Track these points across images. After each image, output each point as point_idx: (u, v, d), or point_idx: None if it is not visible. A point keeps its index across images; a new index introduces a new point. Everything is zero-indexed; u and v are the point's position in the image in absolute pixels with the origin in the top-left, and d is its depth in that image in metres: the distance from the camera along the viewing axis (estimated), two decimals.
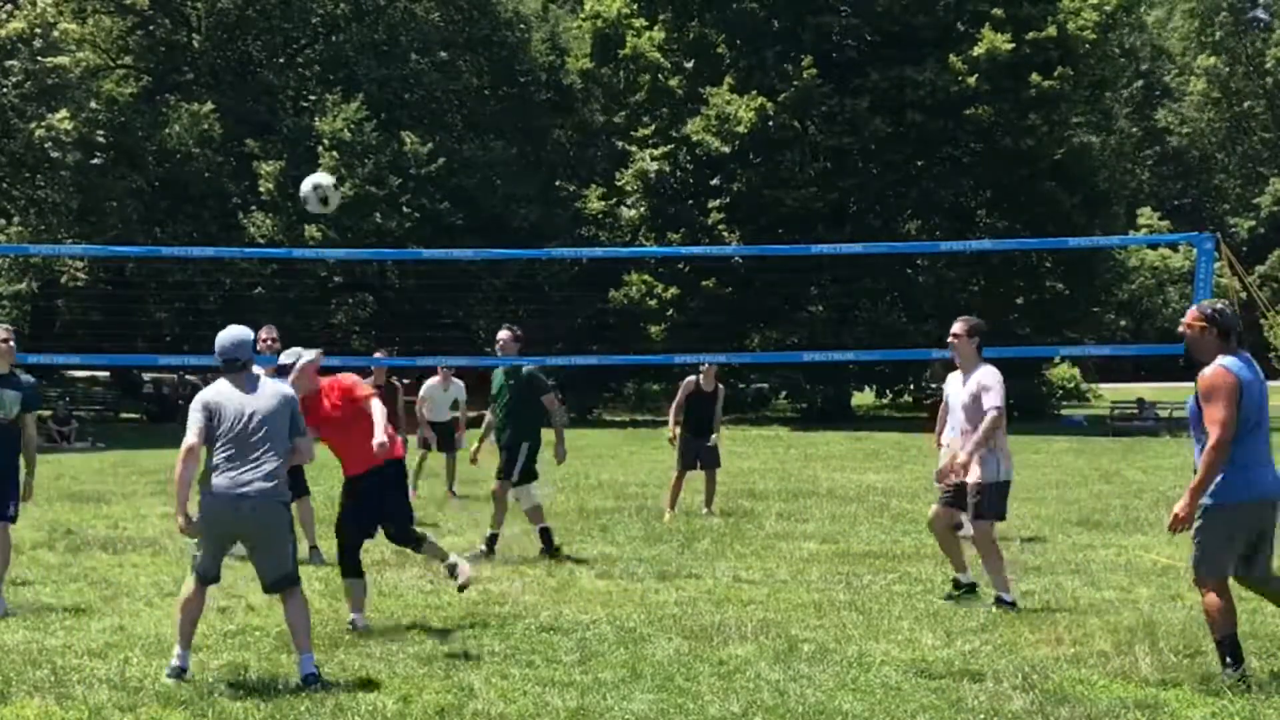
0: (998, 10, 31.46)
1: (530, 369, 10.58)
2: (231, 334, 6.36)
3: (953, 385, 8.25)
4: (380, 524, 7.55)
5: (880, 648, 6.83)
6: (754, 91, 32.07)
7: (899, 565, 9.54)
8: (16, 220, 32.78)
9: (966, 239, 28.87)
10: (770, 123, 31.78)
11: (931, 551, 9.95)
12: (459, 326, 33.12)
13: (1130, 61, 49.28)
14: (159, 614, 7.75)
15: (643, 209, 35.14)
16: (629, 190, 35.29)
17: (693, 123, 32.67)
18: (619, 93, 35.79)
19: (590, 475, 17.45)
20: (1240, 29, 57.58)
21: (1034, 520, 12.39)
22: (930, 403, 29.69)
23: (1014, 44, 30.87)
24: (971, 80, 30.76)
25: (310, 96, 35.73)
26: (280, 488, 6.19)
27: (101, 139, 30.04)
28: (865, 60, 33.49)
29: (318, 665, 6.11)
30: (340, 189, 9.22)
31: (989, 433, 7.78)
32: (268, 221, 32.54)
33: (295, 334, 14.67)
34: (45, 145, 28.33)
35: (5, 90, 28.71)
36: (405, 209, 31.97)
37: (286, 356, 7.34)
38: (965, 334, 8.08)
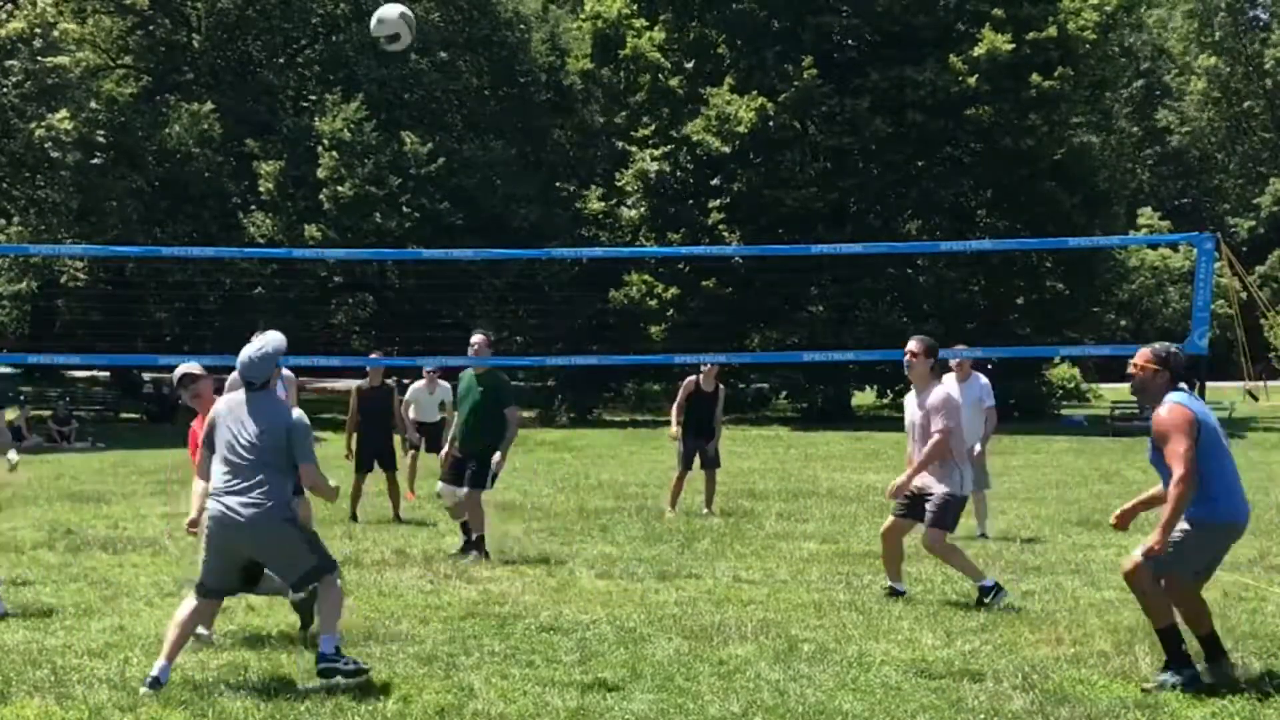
0: (998, 10, 31.45)
1: (503, 375, 10.54)
2: (251, 351, 6.18)
3: (909, 402, 8.32)
4: None
5: (880, 648, 6.83)
6: (754, 92, 32.06)
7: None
8: (16, 220, 32.78)
9: (967, 239, 28.87)
10: (770, 123, 31.77)
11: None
12: (459, 326, 32.98)
13: (1130, 61, 49.29)
14: (159, 614, 7.75)
15: (643, 209, 35.14)
16: (629, 190, 35.29)
17: (693, 123, 32.66)
18: (619, 93, 35.78)
19: (590, 475, 17.46)
20: (1240, 29, 57.60)
21: (1034, 520, 12.40)
22: None
23: (1014, 44, 30.86)
24: (972, 80, 30.76)
25: (310, 96, 35.74)
26: (276, 509, 6.04)
27: (101, 139, 30.04)
28: (865, 60, 33.49)
29: (335, 656, 6.05)
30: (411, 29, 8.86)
31: (933, 455, 7.89)
32: (268, 221, 32.55)
33: (295, 334, 14.67)
34: (45, 145, 28.32)
35: (5, 90, 28.72)
36: (405, 209, 31.96)
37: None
38: (921, 354, 8.10)
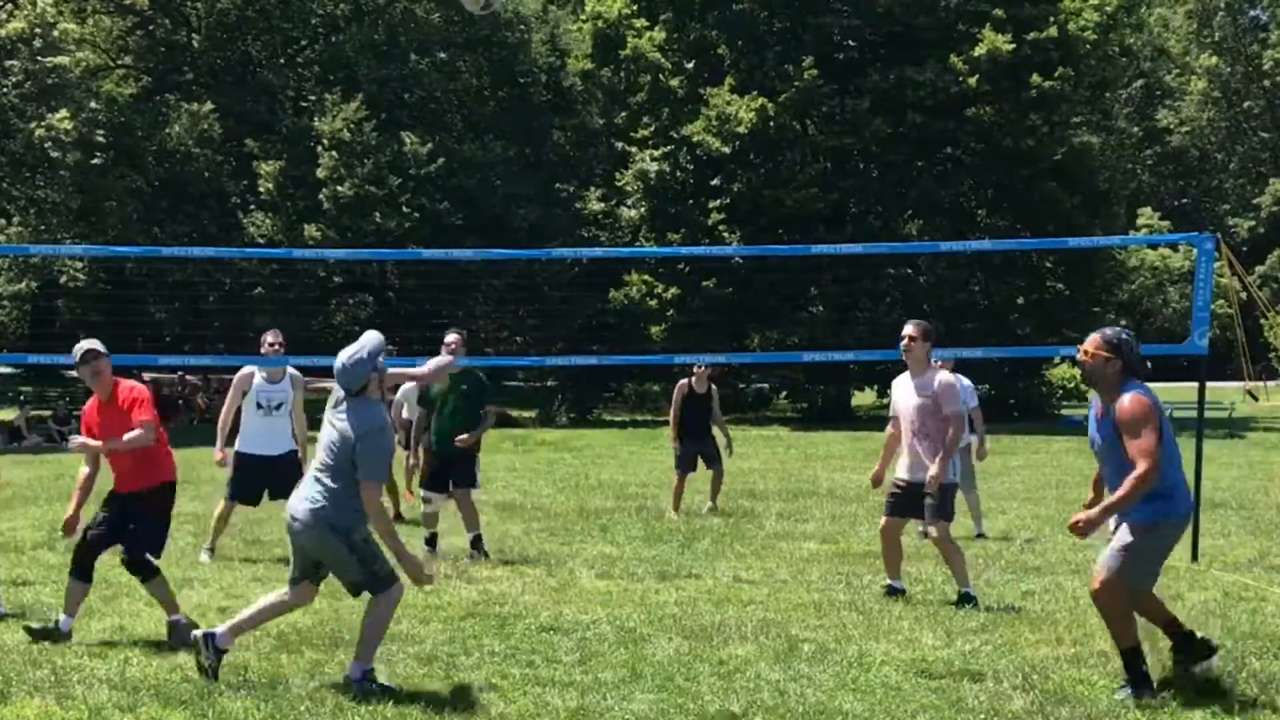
0: (998, 11, 31.44)
1: (482, 374, 10.49)
2: (344, 356, 6.12)
3: (902, 389, 8.26)
4: (121, 543, 7.19)
5: (880, 648, 6.83)
6: (754, 92, 32.05)
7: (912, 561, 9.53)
8: (16, 220, 32.80)
9: (967, 239, 28.87)
10: (771, 123, 31.75)
11: (930, 551, 9.94)
12: (459, 327, 33.11)
13: (1131, 62, 49.27)
14: (159, 614, 7.73)
15: (643, 209, 35.13)
16: (629, 191, 35.27)
17: (693, 123, 32.66)
18: (619, 93, 35.78)
19: (590, 475, 17.45)
20: (1239, 30, 57.62)
21: (1034, 520, 12.39)
22: None
23: (1015, 44, 30.85)
24: (972, 81, 30.75)
25: (310, 96, 35.75)
26: (326, 513, 6.03)
27: (101, 139, 30.06)
28: (866, 61, 33.48)
29: (364, 683, 5.98)
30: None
31: (955, 442, 7.93)
32: (268, 221, 32.56)
33: (295, 334, 14.67)
34: (45, 145, 28.35)
35: (5, 90, 28.74)
36: (405, 209, 31.97)
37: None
38: (920, 337, 8.11)
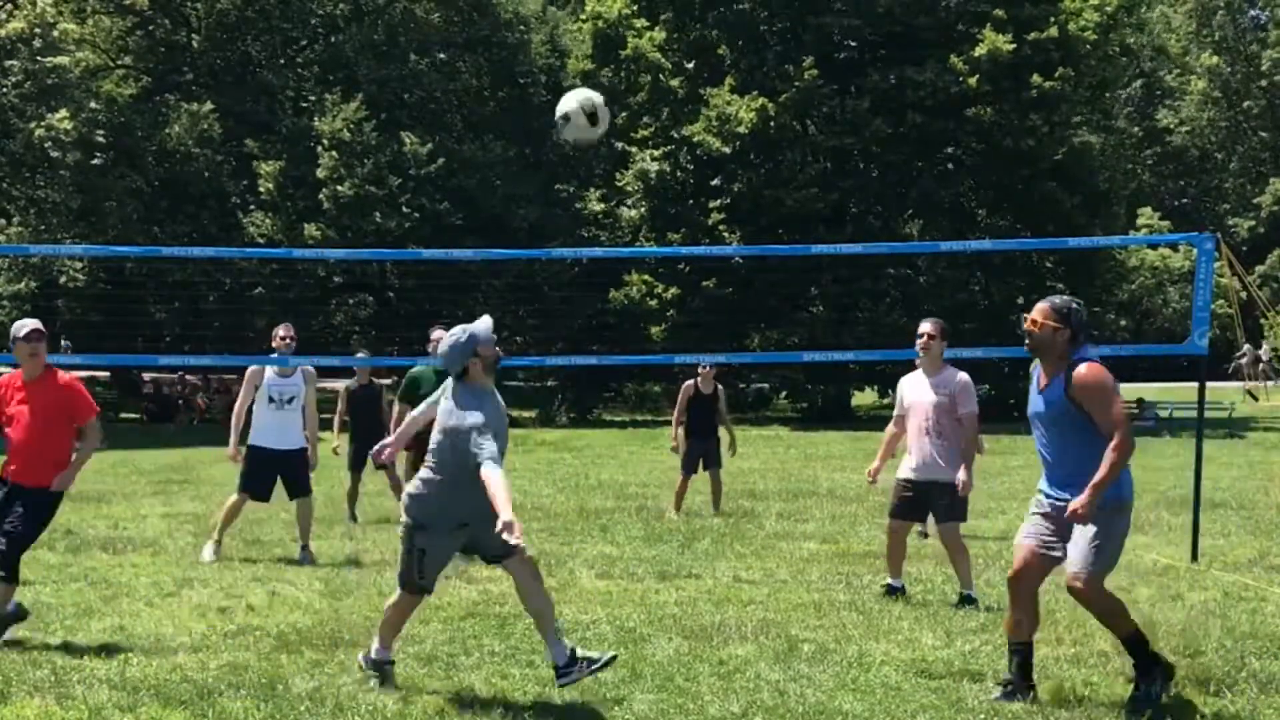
0: (999, 11, 31.45)
1: None
2: (445, 340, 5.96)
3: (915, 386, 8.27)
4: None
5: (880, 648, 6.83)
6: (755, 92, 32.05)
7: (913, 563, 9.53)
8: (16, 220, 32.79)
9: (967, 239, 28.87)
10: (771, 123, 31.76)
11: (931, 551, 9.96)
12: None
13: (1131, 62, 49.27)
14: (159, 614, 7.75)
15: (643, 209, 35.14)
16: (629, 191, 35.27)
17: (693, 123, 32.66)
18: (619, 93, 35.78)
19: (590, 475, 17.46)
20: (1239, 29, 57.62)
21: None
22: None
23: (1015, 44, 30.85)
24: (972, 81, 30.76)
25: (310, 97, 35.74)
26: (406, 501, 6.10)
27: (101, 139, 30.05)
28: (866, 61, 33.49)
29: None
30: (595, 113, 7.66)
31: (974, 442, 8.00)
32: (267, 221, 32.56)
33: (296, 334, 14.65)
34: (45, 145, 28.34)
35: (5, 90, 28.73)
36: (405, 209, 31.97)
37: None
38: (939, 335, 8.19)
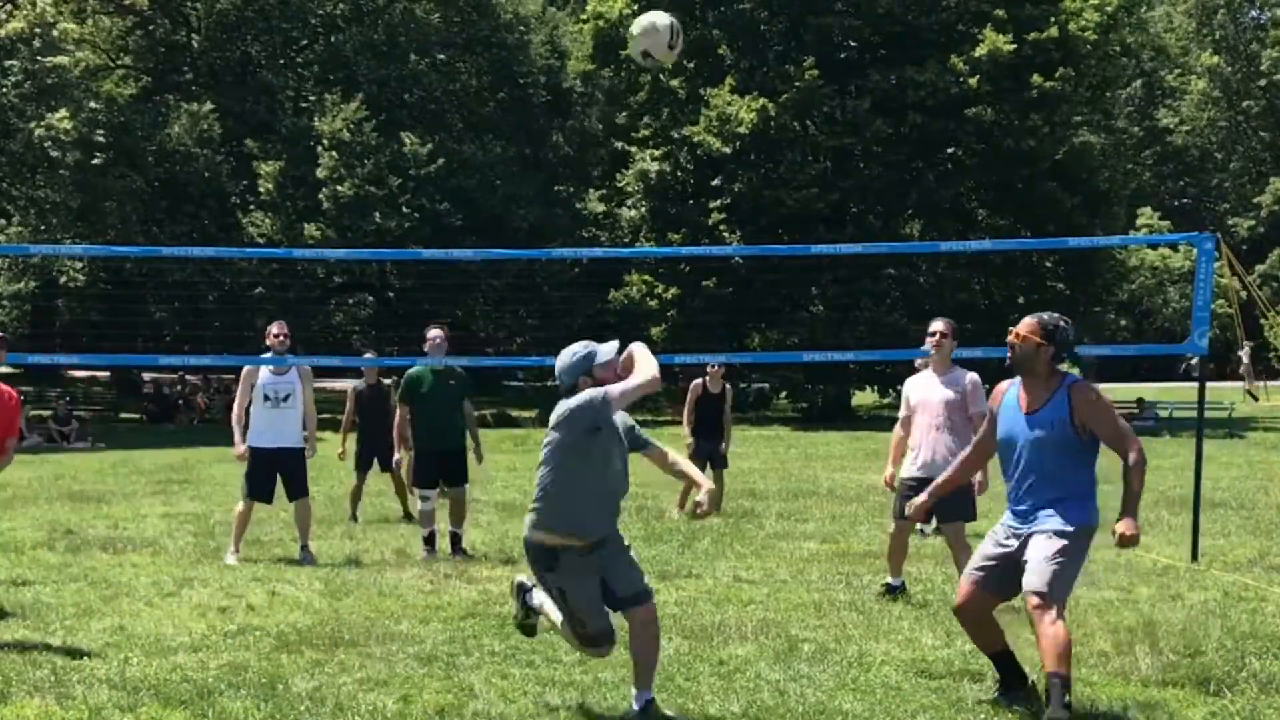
0: (999, 11, 31.46)
1: (464, 371, 10.45)
2: (563, 354, 5.51)
3: (924, 385, 8.28)
4: None
5: (880, 648, 6.83)
6: (755, 92, 32.05)
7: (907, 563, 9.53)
8: (16, 220, 32.79)
9: (967, 239, 28.86)
10: (771, 123, 31.76)
11: (931, 551, 9.96)
12: (459, 327, 33.09)
13: (1131, 61, 49.27)
14: (159, 614, 7.75)
15: (643, 209, 35.14)
16: (630, 191, 35.27)
17: (693, 123, 32.66)
18: (620, 93, 35.79)
19: None
20: (1239, 29, 57.65)
21: None
22: None
23: (1015, 45, 30.86)
24: (973, 81, 30.76)
25: (310, 97, 35.74)
26: (528, 518, 5.60)
27: (101, 139, 30.03)
28: (866, 61, 33.48)
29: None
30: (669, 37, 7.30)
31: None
32: (267, 221, 32.55)
33: (295, 334, 14.64)
34: (45, 145, 28.33)
35: (5, 90, 28.71)
36: (405, 209, 31.97)
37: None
38: (951, 334, 8.24)
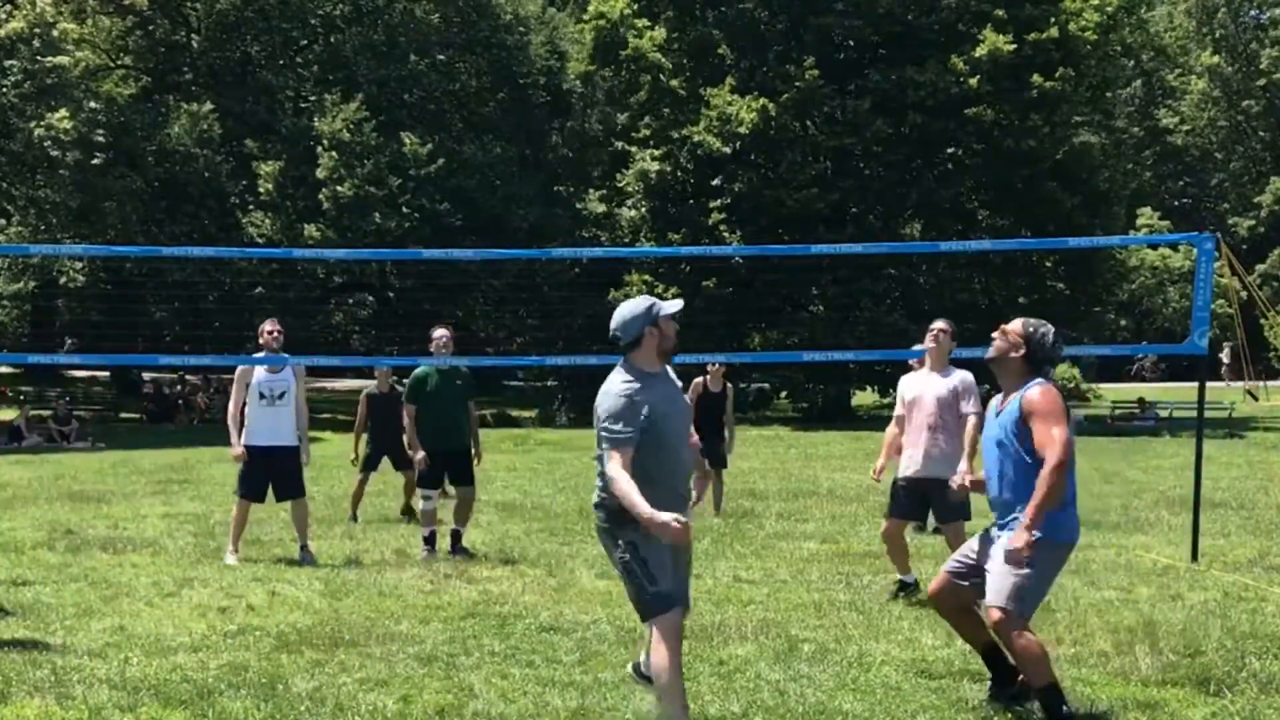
0: (999, 11, 31.45)
1: (469, 371, 10.47)
2: (623, 307, 5.35)
3: (919, 383, 8.30)
4: None
5: (880, 648, 6.83)
6: (755, 92, 32.05)
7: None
8: (16, 220, 32.79)
9: (968, 239, 28.84)
10: (771, 123, 31.74)
11: (931, 551, 9.96)
12: (459, 327, 33.01)
13: (1131, 60, 49.26)
14: (159, 614, 7.75)
15: (643, 209, 35.13)
16: (629, 191, 35.26)
17: (694, 123, 32.65)
18: (620, 93, 35.78)
19: (590, 475, 17.37)
20: (1240, 28, 57.65)
21: None
22: None
23: (1015, 45, 30.84)
24: (973, 81, 30.75)
25: (310, 97, 35.73)
26: (596, 506, 5.34)
27: (101, 139, 30.03)
28: (867, 61, 33.46)
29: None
30: None
31: (976, 441, 7.92)
32: (267, 221, 32.54)
33: (295, 334, 14.67)
34: (45, 145, 28.33)
35: (5, 90, 28.71)
36: (405, 209, 31.96)
37: None
38: (951, 332, 8.31)
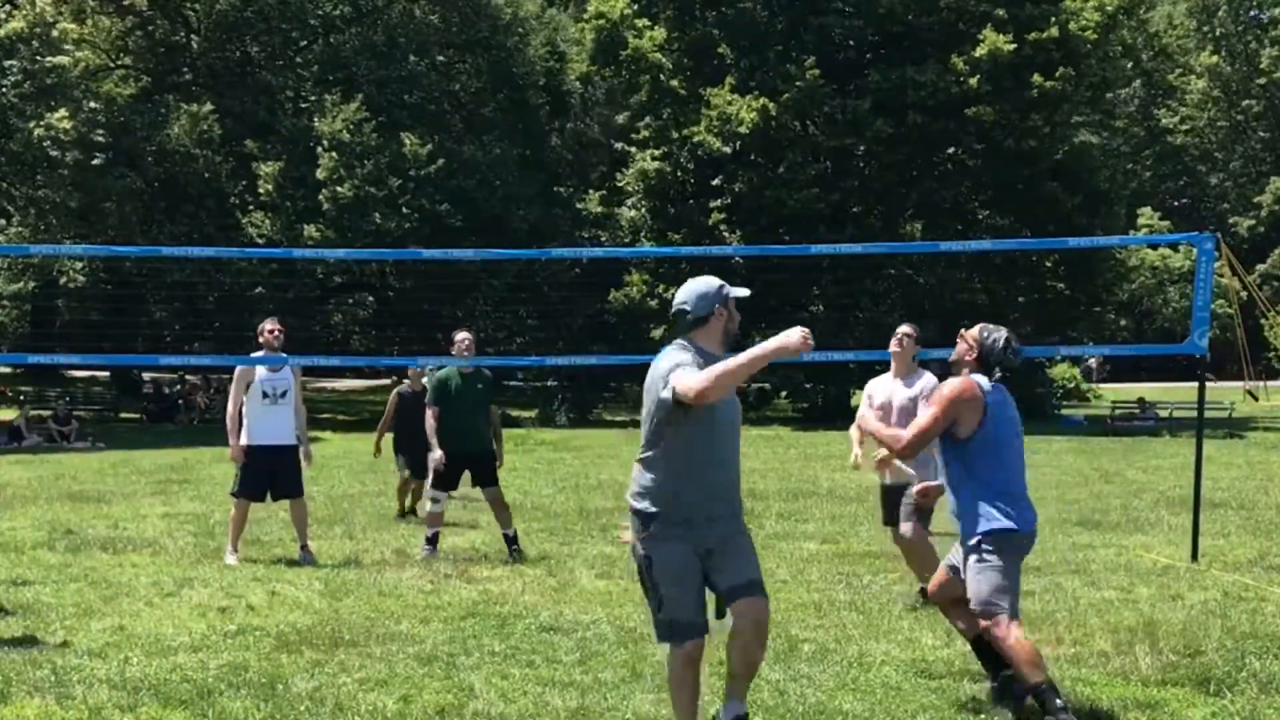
0: (999, 11, 31.46)
1: (491, 374, 10.50)
2: (693, 283, 5.27)
3: (887, 388, 8.31)
4: None
5: (880, 648, 6.83)
6: (755, 92, 32.05)
7: (899, 565, 9.50)
8: (16, 220, 32.78)
9: (968, 239, 28.83)
10: (772, 123, 31.75)
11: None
12: (459, 327, 33.12)
13: (1131, 61, 49.28)
14: (159, 614, 7.75)
15: (643, 209, 35.13)
16: (629, 191, 35.26)
17: (694, 123, 32.65)
18: (620, 93, 35.77)
19: (590, 475, 17.45)
20: (1240, 28, 57.66)
21: None
22: None
23: (1016, 44, 30.85)
24: (973, 81, 30.75)
25: (309, 97, 35.73)
26: (630, 502, 5.07)
27: (101, 139, 30.03)
28: (867, 61, 33.47)
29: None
30: None
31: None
32: (267, 222, 32.54)
33: (295, 334, 14.65)
34: (44, 145, 28.33)
35: (4, 90, 28.71)
36: (405, 210, 31.96)
37: None
38: (916, 336, 8.29)
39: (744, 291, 5.18)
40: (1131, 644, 6.80)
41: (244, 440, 9.86)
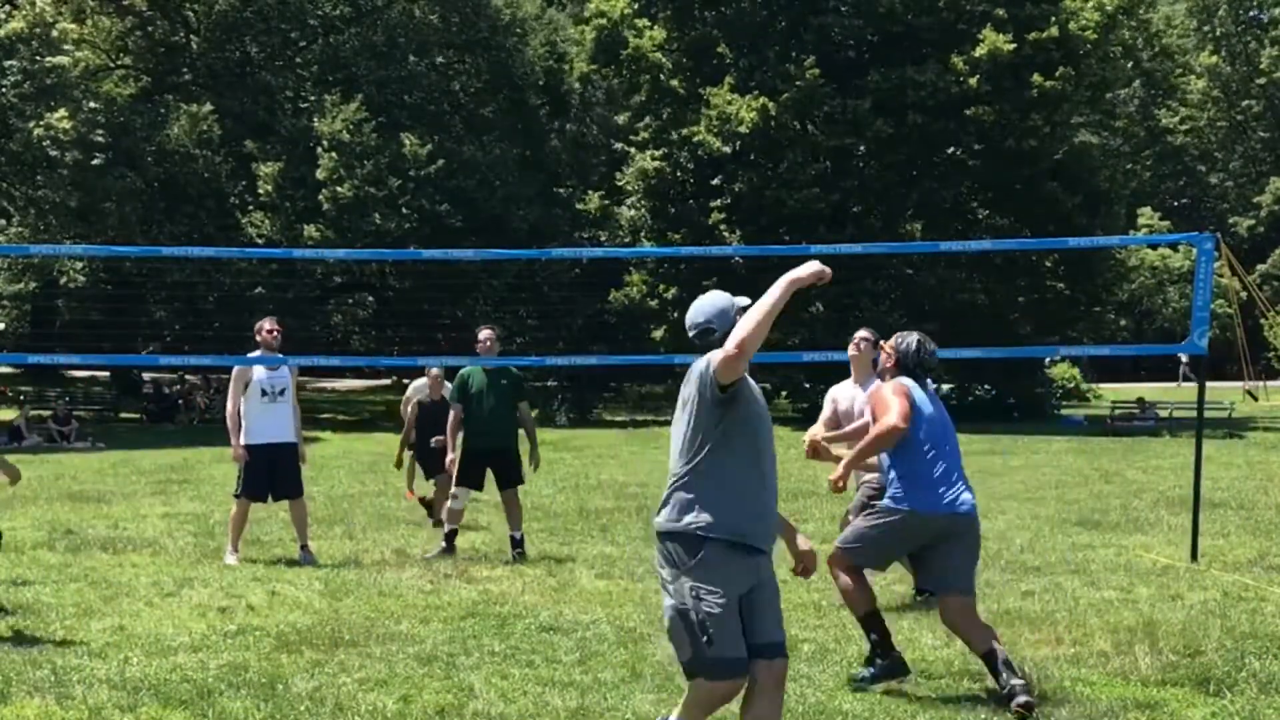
0: (999, 11, 31.45)
1: (518, 371, 10.50)
2: (709, 299, 5.21)
3: (848, 395, 8.34)
4: None
5: None
6: (755, 92, 32.05)
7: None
8: (16, 220, 32.78)
9: (968, 239, 28.81)
10: (771, 123, 31.73)
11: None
12: (459, 327, 33.12)
13: (1131, 60, 49.25)
14: (159, 614, 7.75)
15: (643, 209, 35.13)
16: (629, 190, 35.26)
17: (694, 123, 32.65)
18: (620, 93, 35.76)
19: (590, 475, 17.45)
20: (1240, 28, 57.65)
21: (1034, 520, 12.39)
22: None
23: (1016, 44, 30.84)
24: (973, 81, 30.74)
25: (309, 97, 35.73)
26: (658, 523, 4.63)
27: (100, 139, 30.03)
28: (867, 61, 33.45)
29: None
30: None
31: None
32: (267, 222, 32.54)
33: (294, 334, 14.67)
34: (44, 145, 28.33)
35: (4, 90, 28.70)
36: (405, 210, 31.96)
37: None
38: (875, 342, 8.18)
39: (746, 301, 5.25)
40: (1131, 644, 6.80)
41: (244, 440, 9.87)
